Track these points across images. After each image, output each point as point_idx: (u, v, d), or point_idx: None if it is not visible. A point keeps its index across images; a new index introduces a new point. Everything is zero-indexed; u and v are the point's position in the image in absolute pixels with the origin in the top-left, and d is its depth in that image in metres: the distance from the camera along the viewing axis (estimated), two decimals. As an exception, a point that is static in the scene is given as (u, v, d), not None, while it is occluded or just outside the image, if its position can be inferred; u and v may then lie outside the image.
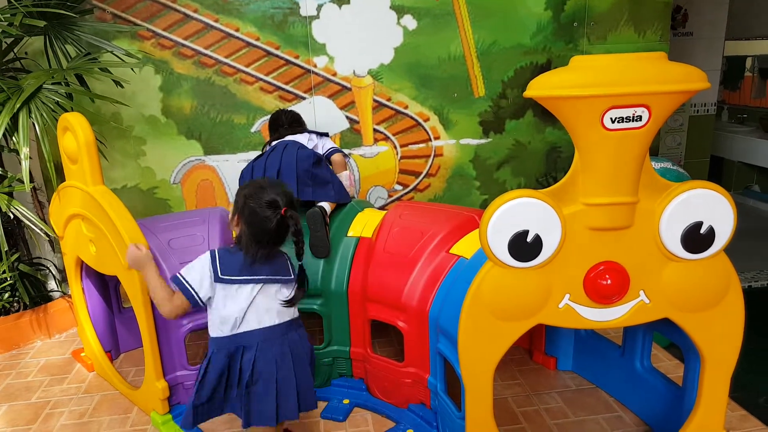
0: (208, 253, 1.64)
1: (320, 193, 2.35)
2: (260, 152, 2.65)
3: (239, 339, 1.63)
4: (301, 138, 2.52)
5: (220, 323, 1.64)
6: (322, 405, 2.22)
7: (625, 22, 3.23)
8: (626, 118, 1.38)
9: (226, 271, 1.62)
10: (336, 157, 2.59)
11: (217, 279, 1.62)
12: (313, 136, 2.60)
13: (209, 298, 1.64)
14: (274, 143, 2.50)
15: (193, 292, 1.61)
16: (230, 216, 1.71)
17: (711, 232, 1.51)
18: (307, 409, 1.71)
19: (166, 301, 1.64)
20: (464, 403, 1.69)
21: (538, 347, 2.45)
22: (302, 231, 1.64)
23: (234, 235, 1.72)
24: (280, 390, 1.64)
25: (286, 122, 2.64)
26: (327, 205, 2.32)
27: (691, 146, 4.81)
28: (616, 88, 1.34)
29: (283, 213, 1.59)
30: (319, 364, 2.29)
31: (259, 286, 1.64)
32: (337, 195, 2.39)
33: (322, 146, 2.59)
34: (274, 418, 1.63)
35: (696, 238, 1.51)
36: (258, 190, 1.62)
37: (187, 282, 1.61)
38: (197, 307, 1.64)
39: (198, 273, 1.62)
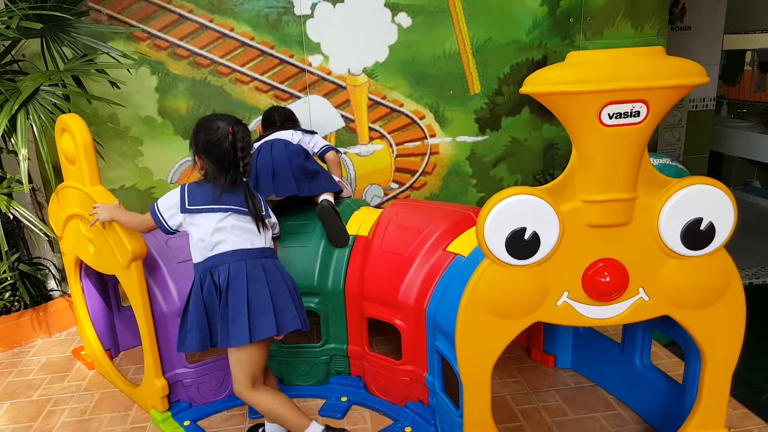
0: (179, 187, 1.83)
1: (315, 187, 2.35)
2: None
3: (213, 260, 1.79)
4: (286, 135, 2.50)
5: (194, 249, 1.83)
6: (319, 403, 2.22)
7: (621, 17, 3.21)
8: (624, 113, 1.37)
9: (193, 202, 1.80)
10: (331, 156, 2.58)
11: (183, 210, 1.80)
12: (299, 133, 2.56)
13: (180, 225, 1.82)
14: (258, 144, 2.46)
15: (162, 219, 1.82)
16: (192, 163, 1.86)
17: (711, 228, 1.50)
18: (287, 331, 1.79)
19: (140, 226, 1.90)
20: (462, 401, 1.68)
21: (536, 345, 2.45)
22: (249, 148, 1.80)
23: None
24: (252, 308, 1.75)
25: (279, 120, 2.63)
26: (329, 196, 2.33)
27: (691, 142, 4.80)
28: (613, 84, 1.33)
29: (231, 131, 1.76)
30: (316, 362, 2.29)
31: (226, 214, 1.80)
32: (329, 184, 2.40)
33: (313, 144, 2.57)
34: (247, 337, 1.73)
35: (696, 235, 1.51)
36: (206, 122, 1.79)
37: (159, 211, 1.82)
38: (168, 233, 1.85)
39: (168, 204, 1.82)
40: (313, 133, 2.62)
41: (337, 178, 2.48)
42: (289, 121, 2.65)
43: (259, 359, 1.81)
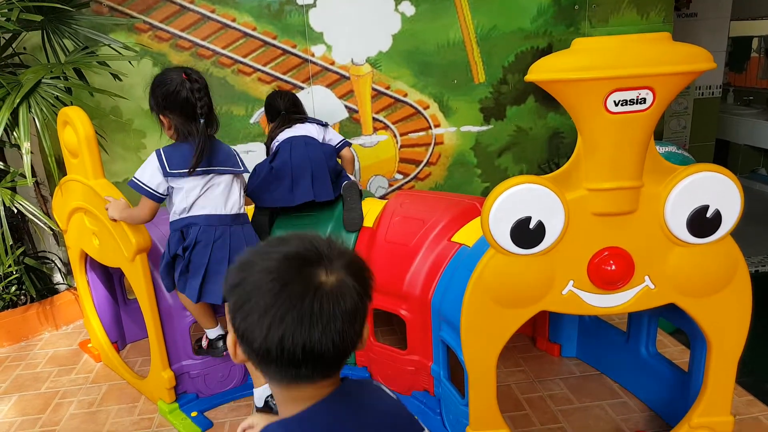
0: (154, 153, 1.85)
1: (337, 188, 2.34)
2: (265, 145, 2.54)
3: (187, 219, 1.90)
4: (311, 130, 2.43)
5: (173, 211, 1.92)
6: (327, 394, 2.22)
7: (627, 3, 3.18)
8: (630, 100, 1.35)
9: (173, 166, 1.83)
10: (347, 153, 2.52)
11: (165, 174, 1.83)
12: (321, 128, 2.50)
13: (167, 190, 1.87)
14: (284, 137, 2.37)
15: (150, 190, 1.84)
16: (162, 126, 1.90)
17: (717, 215, 1.49)
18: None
19: (141, 213, 1.89)
20: (467, 390, 1.69)
21: (541, 334, 2.45)
22: (205, 89, 1.84)
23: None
24: (208, 273, 1.88)
25: (284, 107, 2.52)
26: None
27: (696, 129, 4.76)
28: (619, 70, 1.31)
29: (186, 76, 1.80)
30: (323, 354, 2.29)
31: (209, 177, 1.88)
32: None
33: (329, 138, 2.50)
34: (195, 297, 1.90)
35: (702, 222, 1.49)
36: (158, 78, 1.84)
37: (142, 183, 1.85)
38: (161, 201, 1.87)
39: (148, 172, 1.84)
40: (326, 125, 2.56)
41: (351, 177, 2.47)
42: (293, 107, 2.55)
43: (205, 311, 2.07)
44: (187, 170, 1.84)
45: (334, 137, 2.52)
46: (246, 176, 2.10)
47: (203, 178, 1.89)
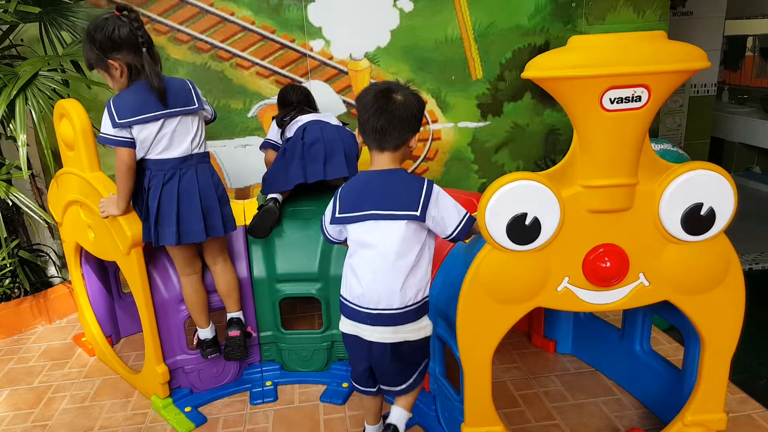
0: (106, 106, 1.83)
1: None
2: (277, 125, 2.51)
3: (151, 163, 1.90)
4: (331, 119, 2.41)
5: (142, 151, 1.89)
6: (321, 389, 2.23)
7: (623, 2, 3.19)
8: (625, 98, 1.36)
9: (129, 113, 1.81)
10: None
11: (114, 125, 1.81)
12: (333, 117, 2.49)
13: (133, 134, 1.85)
14: (308, 120, 2.34)
15: (116, 138, 1.83)
16: (108, 78, 1.87)
17: (711, 213, 1.50)
18: (215, 235, 1.99)
19: (127, 175, 1.88)
20: (463, 386, 1.69)
21: (537, 330, 2.46)
22: (140, 20, 1.82)
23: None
24: (181, 213, 1.90)
25: (295, 100, 2.54)
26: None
27: (691, 127, 4.78)
28: (614, 68, 1.32)
29: (118, 14, 1.78)
30: (318, 349, 2.30)
31: (175, 119, 1.88)
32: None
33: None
34: (175, 240, 1.91)
35: (696, 220, 1.50)
36: (94, 26, 1.79)
37: (107, 134, 1.84)
38: (134, 146, 1.86)
39: (108, 123, 1.82)
40: (344, 123, 2.52)
41: None
42: (305, 100, 2.57)
43: (190, 254, 2.06)
44: (147, 114, 1.83)
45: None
46: (203, 113, 2.03)
47: (166, 120, 1.87)
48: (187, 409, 2.12)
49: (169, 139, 1.88)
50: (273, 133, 2.53)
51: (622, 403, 2.09)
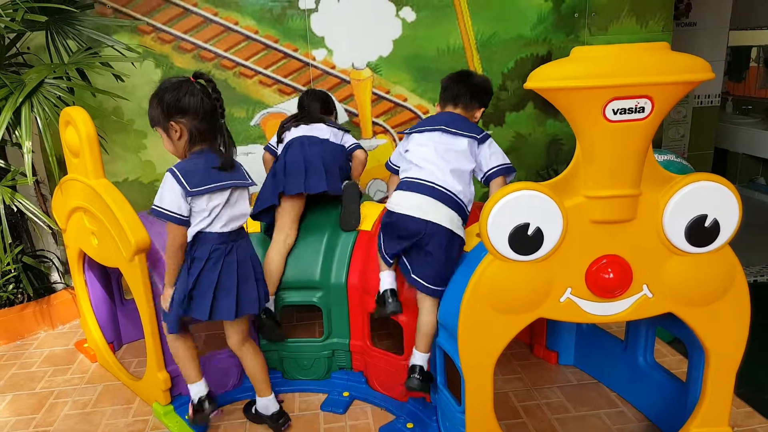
0: (168, 173, 1.73)
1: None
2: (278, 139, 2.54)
3: (222, 237, 1.81)
4: (322, 131, 2.41)
5: (204, 223, 1.80)
6: (321, 398, 2.22)
7: (626, 12, 3.20)
8: (629, 109, 1.36)
9: (193, 183, 1.73)
10: (359, 154, 2.48)
11: (188, 194, 1.73)
12: (336, 131, 2.46)
13: (190, 211, 1.78)
14: (292, 137, 2.38)
15: (177, 216, 1.74)
16: (165, 139, 1.80)
17: (716, 225, 1.50)
18: (244, 313, 1.88)
19: (173, 246, 1.81)
20: (464, 397, 1.68)
21: (539, 341, 2.44)
22: (218, 90, 1.78)
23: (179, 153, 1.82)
24: (218, 289, 1.81)
25: (306, 104, 2.57)
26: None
27: (695, 138, 4.77)
28: (618, 79, 1.32)
29: (194, 79, 1.74)
30: (318, 357, 2.30)
31: (228, 192, 1.80)
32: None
33: (345, 142, 2.49)
34: (206, 314, 1.81)
35: (700, 232, 1.50)
36: (166, 86, 1.74)
37: (164, 210, 1.74)
38: (188, 225, 1.78)
39: (169, 197, 1.73)
40: (346, 131, 2.51)
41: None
42: (316, 102, 2.56)
43: (192, 356, 1.98)
44: (207, 185, 1.74)
45: (348, 140, 2.50)
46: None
47: (223, 194, 1.79)
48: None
49: (231, 210, 1.82)
50: (274, 138, 2.54)
51: (625, 415, 2.07)
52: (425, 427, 1.99)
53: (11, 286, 2.81)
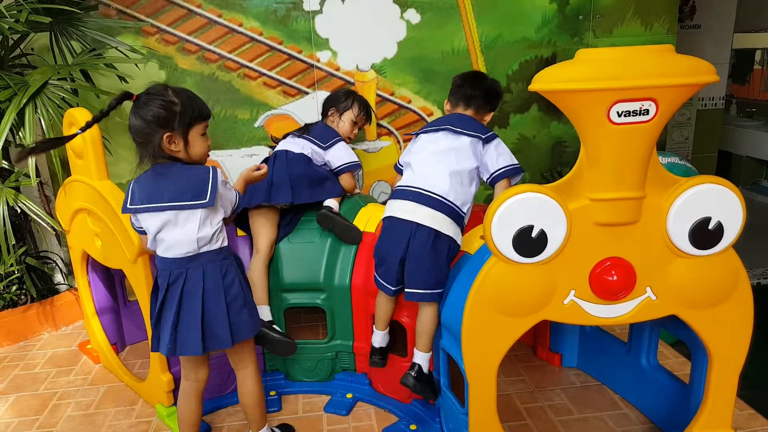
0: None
1: (318, 192, 2.32)
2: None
3: (163, 262, 1.69)
4: (300, 146, 2.39)
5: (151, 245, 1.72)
6: (325, 399, 2.22)
7: (631, 15, 3.19)
8: (633, 111, 1.36)
9: (136, 200, 1.69)
10: (345, 178, 2.43)
11: (125, 211, 1.71)
12: (309, 144, 2.41)
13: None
14: (273, 152, 2.43)
15: (132, 222, 1.77)
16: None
17: (719, 227, 1.49)
18: (217, 347, 1.70)
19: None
20: (468, 398, 1.68)
21: (542, 344, 2.44)
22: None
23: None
24: (180, 322, 1.66)
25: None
26: (332, 202, 2.31)
27: (699, 141, 4.76)
28: (622, 82, 1.32)
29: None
30: (322, 359, 2.30)
31: (168, 213, 1.64)
32: (331, 190, 2.36)
33: (329, 158, 2.43)
34: (168, 349, 1.66)
35: (704, 234, 1.50)
36: (191, 94, 1.71)
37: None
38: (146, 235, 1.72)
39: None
40: (333, 144, 2.43)
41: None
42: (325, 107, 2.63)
43: (192, 359, 1.79)
44: (144, 206, 1.66)
45: (335, 160, 2.42)
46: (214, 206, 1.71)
47: (162, 214, 1.65)
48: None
49: (174, 232, 1.64)
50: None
51: (628, 417, 2.07)
52: (428, 428, 1.99)
53: (15, 288, 2.81)
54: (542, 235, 1.48)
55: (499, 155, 1.98)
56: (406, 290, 1.91)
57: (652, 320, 1.62)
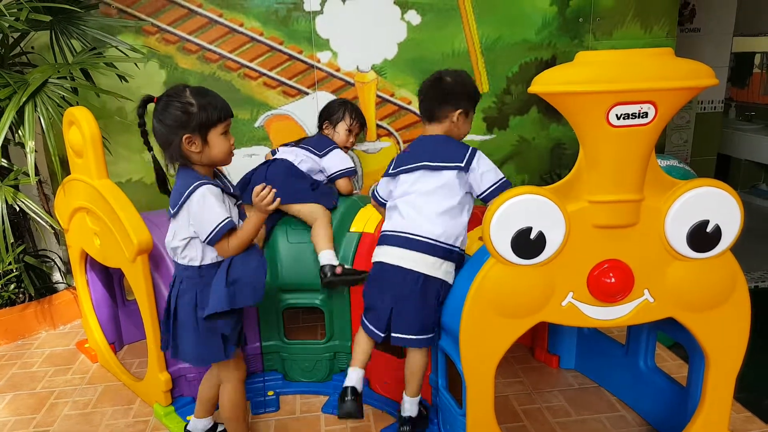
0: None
1: (309, 195, 2.30)
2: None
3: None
4: (295, 155, 2.40)
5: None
6: (323, 399, 2.22)
7: (631, 17, 3.20)
8: (632, 114, 1.36)
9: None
10: (341, 183, 2.45)
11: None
12: (312, 156, 2.43)
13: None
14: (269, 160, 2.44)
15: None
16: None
17: (717, 230, 1.50)
18: (185, 361, 1.79)
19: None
20: (465, 400, 1.68)
21: (540, 345, 2.44)
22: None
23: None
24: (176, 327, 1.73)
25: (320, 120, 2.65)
26: (329, 256, 2.16)
27: (698, 144, 4.77)
28: (621, 84, 1.32)
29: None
30: (320, 359, 2.30)
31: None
32: (328, 202, 2.33)
33: (324, 165, 2.44)
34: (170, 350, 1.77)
35: (702, 237, 1.50)
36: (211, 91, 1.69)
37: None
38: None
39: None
40: (329, 151, 2.46)
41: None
42: (320, 119, 2.66)
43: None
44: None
45: (331, 166, 2.44)
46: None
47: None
48: (189, 417, 2.11)
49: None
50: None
51: (626, 419, 2.07)
52: (426, 430, 1.99)
53: (13, 286, 2.81)
54: (541, 236, 1.48)
55: (483, 174, 1.84)
56: (392, 335, 1.82)
57: (650, 323, 1.62)
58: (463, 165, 1.83)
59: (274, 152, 2.54)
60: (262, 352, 2.32)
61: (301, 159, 2.42)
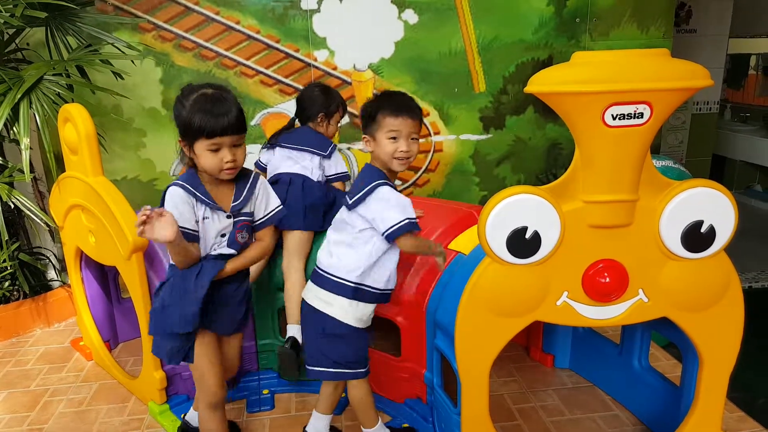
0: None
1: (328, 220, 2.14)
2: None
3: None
4: (304, 165, 2.28)
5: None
6: (317, 398, 2.21)
7: (627, 18, 3.21)
8: (628, 114, 1.36)
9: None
10: (339, 185, 2.37)
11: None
12: (317, 159, 2.30)
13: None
14: (279, 171, 2.28)
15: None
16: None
17: (712, 231, 1.50)
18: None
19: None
20: (460, 398, 1.69)
21: (535, 344, 2.45)
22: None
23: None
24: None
25: (307, 105, 2.33)
26: (295, 329, 2.15)
27: (693, 145, 4.79)
28: (617, 85, 1.32)
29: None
30: (316, 358, 2.29)
31: None
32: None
33: (328, 168, 2.35)
34: None
35: (696, 237, 1.51)
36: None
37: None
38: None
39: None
40: (331, 152, 2.34)
41: None
42: (314, 104, 2.31)
43: None
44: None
45: (330, 167, 2.35)
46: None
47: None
48: (184, 415, 2.11)
49: None
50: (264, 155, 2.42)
51: (620, 419, 2.08)
52: (421, 427, 1.99)
53: (7, 283, 2.80)
54: (536, 236, 1.48)
55: (378, 212, 1.68)
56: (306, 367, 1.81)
57: (644, 322, 1.63)
58: (350, 203, 1.73)
59: (268, 146, 2.38)
60: (258, 350, 2.32)
61: (311, 168, 2.28)
